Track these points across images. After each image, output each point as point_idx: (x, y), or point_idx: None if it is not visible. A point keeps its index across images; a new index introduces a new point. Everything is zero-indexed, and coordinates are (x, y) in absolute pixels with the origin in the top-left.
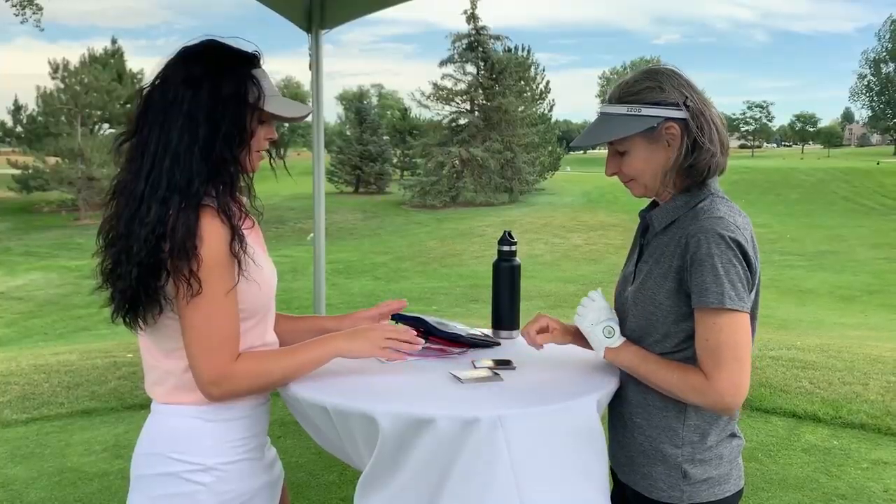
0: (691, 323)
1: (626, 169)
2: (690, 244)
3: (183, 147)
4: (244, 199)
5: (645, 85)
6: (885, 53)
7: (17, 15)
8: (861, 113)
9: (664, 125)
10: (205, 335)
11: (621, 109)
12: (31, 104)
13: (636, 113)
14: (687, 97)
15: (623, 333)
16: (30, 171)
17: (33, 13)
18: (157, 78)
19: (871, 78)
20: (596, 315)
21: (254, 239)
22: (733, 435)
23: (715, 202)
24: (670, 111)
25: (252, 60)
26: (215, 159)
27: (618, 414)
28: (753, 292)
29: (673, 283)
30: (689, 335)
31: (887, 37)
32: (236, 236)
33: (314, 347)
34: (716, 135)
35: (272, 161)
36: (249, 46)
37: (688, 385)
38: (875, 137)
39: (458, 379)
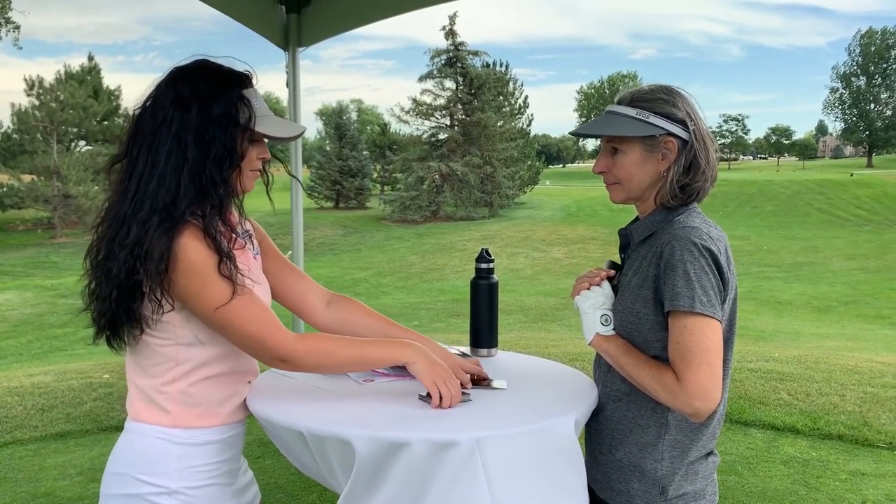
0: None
1: (617, 170)
2: (664, 252)
3: (170, 168)
4: (235, 219)
5: (659, 96)
6: (855, 67)
7: None
8: (834, 125)
9: (665, 138)
10: (253, 320)
11: (630, 111)
12: (6, 121)
13: (643, 118)
14: (693, 121)
15: None
16: (5, 188)
17: (8, 32)
18: (147, 99)
19: (843, 91)
20: (600, 300)
21: (244, 260)
22: (711, 453)
23: (691, 215)
24: (674, 127)
25: (243, 80)
26: (204, 181)
27: (595, 431)
28: (728, 305)
29: (649, 291)
30: (666, 345)
31: (857, 51)
32: (224, 258)
33: (386, 346)
34: (711, 163)
35: (267, 176)
36: (242, 67)
37: (660, 383)
38: (849, 149)
39: (426, 400)
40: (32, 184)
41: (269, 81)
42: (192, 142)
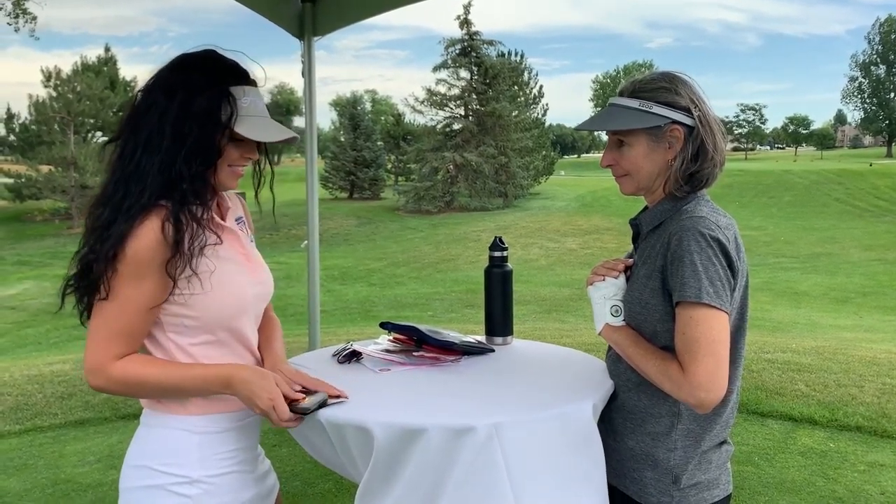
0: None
1: (624, 163)
2: (672, 242)
3: (146, 155)
4: (226, 205)
5: (660, 85)
6: (875, 56)
7: (10, 24)
8: (853, 115)
9: (670, 127)
10: (95, 326)
11: (633, 103)
12: (23, 113)
13: (646, 109)
14: (697, 106)
15: None
16: (23, 179)
17: (26, 22)
18: (147, 82)
19: (862, 80)
20: (612, 291)
21: (237, 246)
22: (724, 442)
23: (700, 204)
24: (679, 115)
25: (238, 76)
26: (173, 174)
27: (609, 418)
28: (739, 294)
29: (657, 282)
30: (675, 336)
31: (877, 39)
32: (178, 254)
33: (202, 380)
34: (718, 148)
35: (261, 169)
36: (251, 64)
37: (665, 374)
38: (867, 139)
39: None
40: (50, 174)
41: (283, 72)
42: (168, 132)
